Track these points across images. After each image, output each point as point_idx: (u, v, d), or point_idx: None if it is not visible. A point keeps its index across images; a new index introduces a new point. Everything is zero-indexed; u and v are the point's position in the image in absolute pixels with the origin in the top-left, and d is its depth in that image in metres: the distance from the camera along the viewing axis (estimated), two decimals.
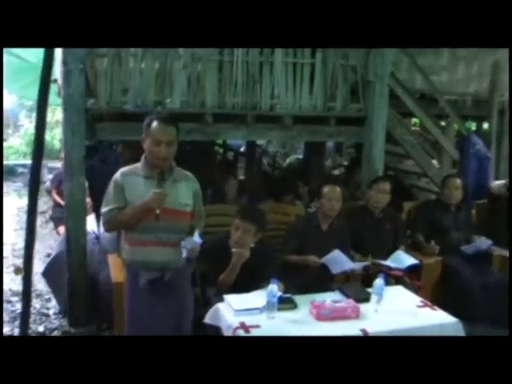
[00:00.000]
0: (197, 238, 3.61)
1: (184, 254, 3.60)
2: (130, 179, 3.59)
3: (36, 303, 6.00)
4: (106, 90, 5.01)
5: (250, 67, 5.39)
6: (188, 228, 3.70)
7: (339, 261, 4.74)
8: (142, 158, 3.64)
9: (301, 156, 11.85)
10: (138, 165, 3.64)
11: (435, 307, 4.13)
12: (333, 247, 4.82)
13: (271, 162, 12.73)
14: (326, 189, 4.97)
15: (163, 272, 3.62)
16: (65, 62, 4.77)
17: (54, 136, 15.68)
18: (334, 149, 12.68)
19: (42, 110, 4.21)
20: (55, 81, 6.55)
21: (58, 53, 5.05)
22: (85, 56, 4.84)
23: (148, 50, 5.03)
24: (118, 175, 3.62)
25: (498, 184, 6.38)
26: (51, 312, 5.81)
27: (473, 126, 11.15)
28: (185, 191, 3.68)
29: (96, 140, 5.09)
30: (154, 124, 3.50)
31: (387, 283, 4.57)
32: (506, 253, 5.82)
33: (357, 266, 4.83)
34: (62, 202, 7.95)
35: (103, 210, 3.68)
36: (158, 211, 3.47)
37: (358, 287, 4.42)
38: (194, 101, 5.27)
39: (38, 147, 4.27)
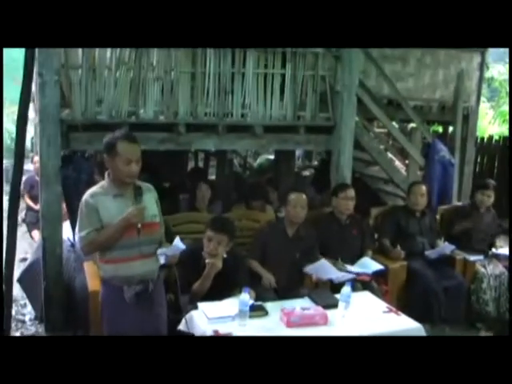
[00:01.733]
0: (180, 244, 3.75)
1: (162, 261, 3.76)
2: (101, 199, 3.64)
3: (11, 309, 6.06)
4: (80, 101, 5.09)
5: (222, 78, 5.52)
6: (159, 239, 3.86)
7: (325, 269, 4.94)
8: (106, 177, 3.73)
9: (271, 156, 12.00)
10: (104, 184, 3.72)
11: (399, 313, 4.32)
12: (299, 253, 5.07)
13: (242, 163, 12.85)
14: (291, 196, 5.13)
15: (146, 283, 3.74)
16: (40, 74, 4.84)
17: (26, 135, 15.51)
18: (303, 152, 12.86)
19: (23, 113, 4.35)
20: None
21: None
22: (59, 68, 4.93)
23: (122, 61, 5.14)
24: (88, 197, 3.66)
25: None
26: (27, 318, 5.87)
27: (440, 128, 11.46)
28: (151, 203, 3.81)
29: (70, 150, 5.16)
30: (122, 144, 3.59)
31: (354, 288, 4.78)
32: (468, 257, 6.05)
33: (342, 277, 4.93)
34: (35, 207, 8.03)
35: (80, 234, 3.70)
36: (139, 225, 3.60)
37: (327, 294, 4.58)
38: (167, 111, 5.38)
39: (19, 155, 4.41)
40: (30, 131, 11.14)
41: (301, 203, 5.10)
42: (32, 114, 7.36)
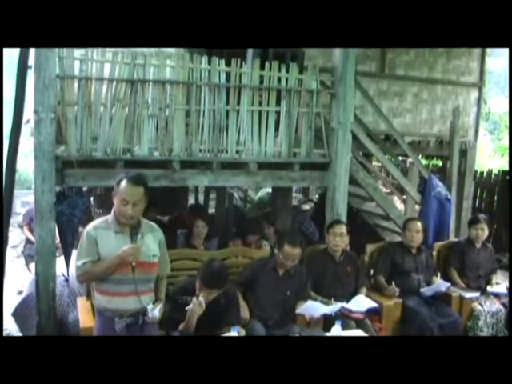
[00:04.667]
0: (156, 313, 3.80)
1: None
2: (102, 233, 3.73)
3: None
4: (76, 138, 5.13)
5: (217, 115, 5.56)
6: (155, 276, 3.92)
7: (314, 308, 4.90)
8: (112, 212, 3.80)
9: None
10: (108, 218, 3.79)
11: None
12: (289, 291, 5.06)
13: (243, 196, 12.86)
14: (286, 248, 5.01)
15: (137, 317, 3.80)
16: (36, 112, 4.90)
17: (28, 167, 15.62)
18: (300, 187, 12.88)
19: (14, 144, 4.46)
20: (28, 121, 6.67)
21: (30, 90, 5.17)
22: (55, 105, 4.98)
23: (117, 98, 5.20)
24: (90, 229, 3.75)
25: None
26: None
27: (439, 162, 11.50)
28: (152, 243, 3.86)
29: (65, 186, 5.19)
30: (123, 184, 3.66)
31: (347, 326, 4.76)
32: (464, 294, 6.02)
33: (334, 309, 4.95)
34: (34, 239, 8.05)
35: (77, 263, 3.78)
36: (134, 264, 3.66)
37: (318, 332, 4.56)
38: (162, 148, 5.40)
39: (10, 180, 4.49)
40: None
41: (293, 257, 5.04)
42: None
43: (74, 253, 5.39)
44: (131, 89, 5.23)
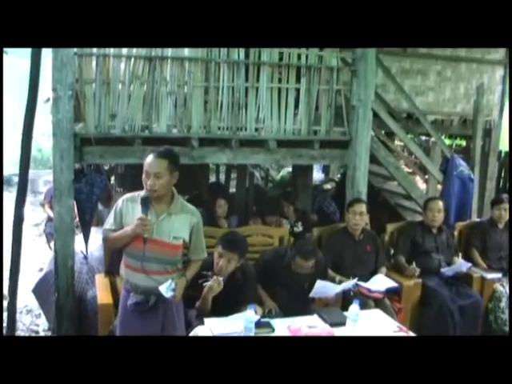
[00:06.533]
0: (169, 294, 3.70)
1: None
2: (130, 205, 3.79)
3: (26, 319, 6.13)
4: (94, 115, 5.13)
5: (236, 92, 5.51)
6: (178, 260, 3.87)
7: (327, 288, 4.85)
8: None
9: None
10: (141, 192, 3.79)
11: (410, 332, 4.24)
12: (307, 284, 4.91)
13: (264, 176, 12.82)
14: (298, 260, 4.80)
15: (148, 297, 3.77)
16: (54, 89, 4.90)
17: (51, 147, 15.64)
18: (321, 166, 12.81)
19: (29, 122, 4.50)
20: (48, 100, 6.69)
21: (49, 70, 5.16)
22: (74, 83, 4.97)
23: (135, 75, 5.17)
24: (122, 199, 3.86)
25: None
26: (40, 329, 5.93)
27: (463, 142, 11.34)
28: (180, 224, 3.81)
29: (84, 163, 5.19)
30: (147, 157, 3.68)
31: (366, 306, 4.71)
32: (486, 274, 5.94)
33: (343, 288, 4.91)
34: None
35: (103, 227, 3.95)
36: (145, 235, 3.66)
37: (336, 311, 4.50)
38: (181, 125, 5.38)
39: (25, 158, 4.52)
40: None
41: (305, 268, 4.84)
42: None
43: (93, 230, 5.48)
44: (149, 66, 5.20)
